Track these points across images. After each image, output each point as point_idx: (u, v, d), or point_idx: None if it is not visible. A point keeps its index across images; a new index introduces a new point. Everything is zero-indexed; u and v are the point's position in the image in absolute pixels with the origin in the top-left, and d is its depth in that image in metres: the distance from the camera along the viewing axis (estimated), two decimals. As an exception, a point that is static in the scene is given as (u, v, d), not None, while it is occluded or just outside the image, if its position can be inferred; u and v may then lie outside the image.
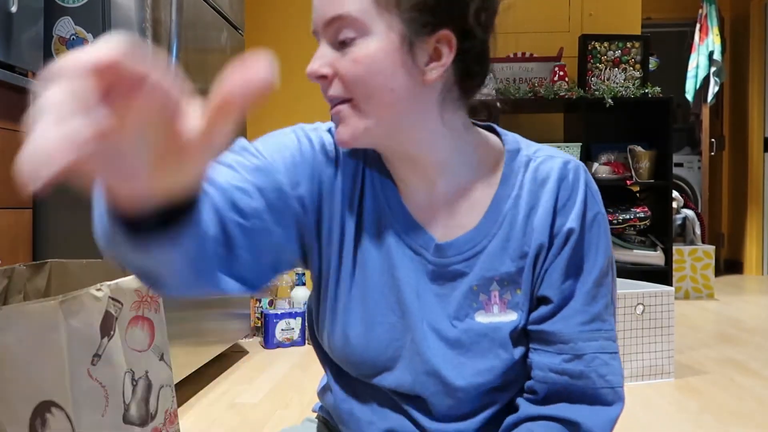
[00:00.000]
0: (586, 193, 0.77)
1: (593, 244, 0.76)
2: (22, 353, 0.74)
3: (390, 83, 0.67)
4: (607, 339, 0.75)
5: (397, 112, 0.69)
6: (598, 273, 0.75)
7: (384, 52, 0.66)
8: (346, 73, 0.67)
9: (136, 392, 0.85)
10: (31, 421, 0.74)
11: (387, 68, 0.67)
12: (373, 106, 0.68)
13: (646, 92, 3.56)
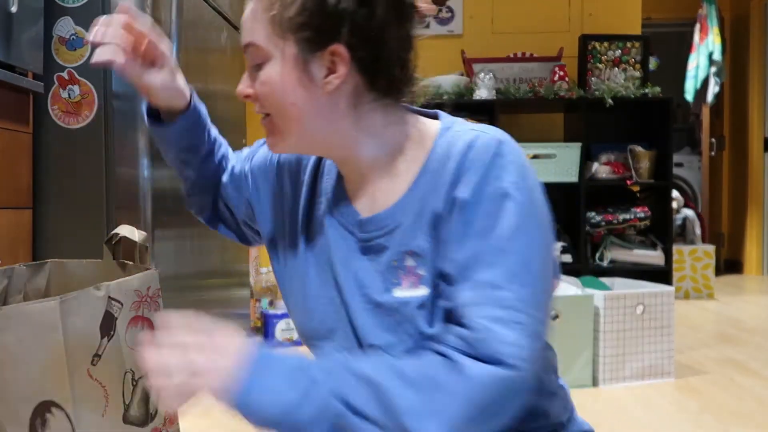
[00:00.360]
0: (492, 164, 0.75)
1: (492, 215, 0.73)
2: (22, 353, 0.74)
3: (291, 99, 0.78)
4: (501, 308, 0.70)
5: (306, 123, 0.79)
6: (499, 242, 0.72)
7: (283, 73, 0.77)
8: (258, 94, 0.79)
9: (136, 392, 0.85)
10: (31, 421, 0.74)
11: (287, 87, 0.77)
12: (284, 120, 0.80)
13: (646, 92, 3.56)
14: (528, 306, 0.71)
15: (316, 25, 0.75)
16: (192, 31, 2.15)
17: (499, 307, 0.70)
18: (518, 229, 0.73)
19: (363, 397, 0.68)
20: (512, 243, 0.72)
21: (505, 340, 0.68)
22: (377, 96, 0.80)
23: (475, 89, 3.53)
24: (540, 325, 0.72)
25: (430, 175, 0.79)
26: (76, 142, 1.84)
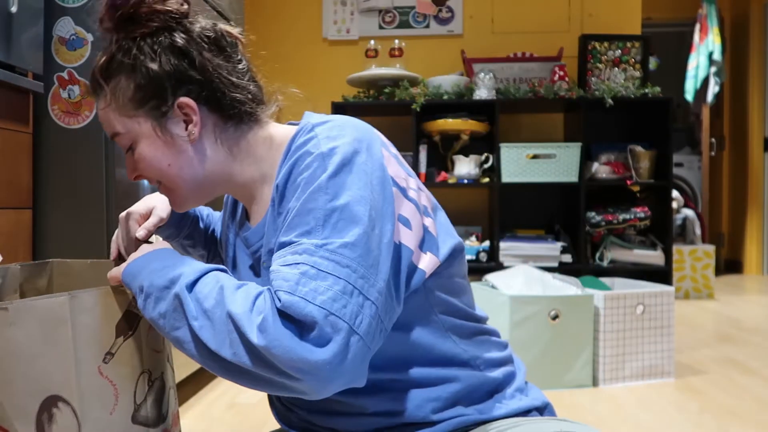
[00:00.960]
0: (303, 144, 0.80)
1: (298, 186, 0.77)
2: (31, 348, 0.75)
3: (166, 162, 0.86)
4: (292, 253, 0.72)
5: (188, 175, 0.87)
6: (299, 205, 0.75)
7: (149, 145, 0.86)
8: (142, 171, 0.88)
9: (152, 393, 0.85)
10: (37, 415, 0.75)
11: (158, 154, 0.86)
12: (170, 181, 0.88)
13: (646, 92, 3.56)
14: (320, 250, 0.71)
15: (153, 92, 0.84)
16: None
17: (292, 254, 0.72)
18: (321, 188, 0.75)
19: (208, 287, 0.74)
20: (309, 202, 0.74)
21: (288, 278, 0.70)
22: (235, 124, 0.88)
23: (475, 89, 3.53)
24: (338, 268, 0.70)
25: (278, 179, 0.84)
26: (76, 142, 1.84)
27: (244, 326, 0.68)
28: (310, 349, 0.66)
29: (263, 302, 0.70)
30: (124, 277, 0.81)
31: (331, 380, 0.67)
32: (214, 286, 0.74)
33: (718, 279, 5.25)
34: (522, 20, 4.00)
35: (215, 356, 0.71)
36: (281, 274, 0.71)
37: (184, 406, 2.07)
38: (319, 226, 0.73)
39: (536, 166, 3.45)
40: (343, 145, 0.77)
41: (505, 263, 3.43)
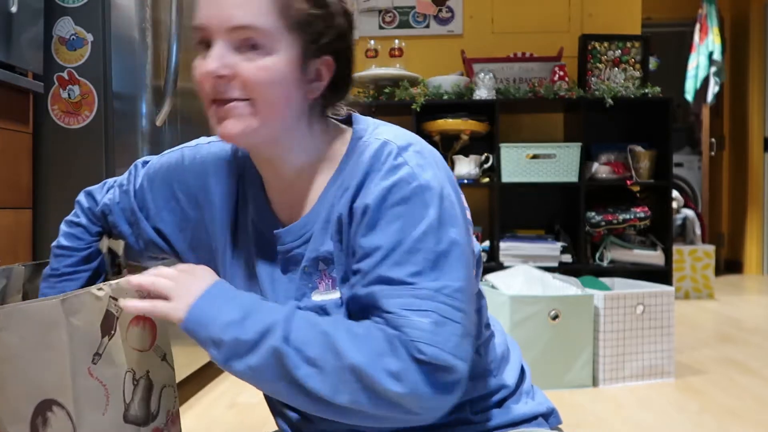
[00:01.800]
0: (396, 170, 0.77)
1: (405, 220, 0.75)
2: (24, 352, 0.75)
3: (286, 92, 0.78)
4: (414, 297, 0.73)
5: (283, 118, 0.80)
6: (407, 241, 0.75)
7: (287, 65, 0.77)
8: (250, 77, 0.76)
9: (137, 392, 0.85)
10: (32, 419, 0.75)
11: (286, 79, 0.78)
12: (268, 109, 0.78)
13: (646, 92, 3.56)
14: (440, 295, 0.74)
15: (325, 34, 0.79)
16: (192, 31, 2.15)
17: (414, 297, 0.73)
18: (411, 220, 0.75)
19: (306, 334, 0.73)
20: (419, 242, 0.75)
21: (419, 327, 0.72)
22: (324, 107, 0.85)
23: (475, 89, 3.53)
24: (456, 313, 0.74)
25: (339, 182, 0.82)
26: (76, 142, 1.84)
27: (374, 376, 0.70)
28: (442, 392, 0.72)
29: (397, 350, 0.71)
30: (189, 324, 0.75)
31: (447, 409, 0.75)
32: (312, 332, 0.73)
33: (718, 279, 5.25)
34: (522, 20, 4.00)
35: (325, 402, 0.72)
36: (412, 321, 0.72)
37: (184, 406, 2.07)
38: (428, 269, 0.74)
39: (536, 166, 3.45)
40: (434, 178, 0.78)
41: (505, 263, 3.43)
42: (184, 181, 0.93)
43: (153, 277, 0.78)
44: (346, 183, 0.81)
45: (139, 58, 1.84)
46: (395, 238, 0.75)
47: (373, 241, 0.76)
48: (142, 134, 1.86)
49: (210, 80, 0.77)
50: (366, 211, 0.77)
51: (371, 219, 0.76)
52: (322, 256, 0.82)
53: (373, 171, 0.79)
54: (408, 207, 0.76)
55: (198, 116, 2.23)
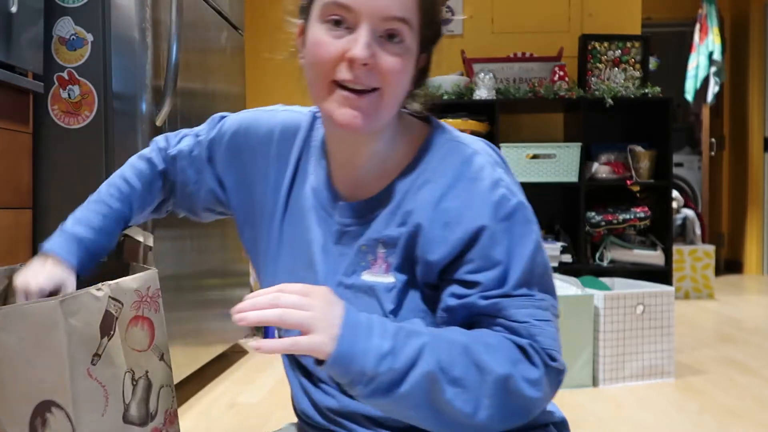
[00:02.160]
0: (498, 186, 0.79)
1: (517, 236, 0.78)
2: (23, 353, 0.74)
3: (406, 84, 0.80)
4: (538, 308, 0.77)
5: (396, 110, 0.81)
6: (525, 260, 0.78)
7: (412, 59, 0.79)
8: (389, 68, 0.76)
9: (136, 392, 0.85)
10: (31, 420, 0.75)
11: (410, 71, 0.79)
12: (393, 101, 0.79)
13: (646, 92, 3.56)
14: (552, 307, 0.79)
15: (434, 31, 0.82)
16: (192, 31, 2.15)
17: (538, 308, 0.77)
18: (522, 237, 0.79)
19: (450, 353, 0.72)
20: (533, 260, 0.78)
21: (549, 336, 0.77)
22: (406, 99, 0.85)
23: (475, 89, 3.53)
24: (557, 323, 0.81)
25: (416, 176, 0.82)
26: (76, 142, 1.84)
27: (516, 384, 0.74)
28: (555, 394, 0.82)
29: (532, 357, 0.76)
30: (339, 359, 0.68)
31: None
32: (454, 350, 0.73)
33: (718, 279, 5.24)
34: (522, 20, 4.00)
35: (463, 422, 0.73)
36: (544, 330, 0.77)
37: (184, 406, 2.07)
38: (541, 284, 0.79)
39: (536, 166, 3.45)
40: (522, 195, 0.83)
41: (505, 263, 3.42)
42: (250, 143, 0.95)
43: (280, 311, 0.69)
44: (427, 179, 0.81)
45: (139, 58, 1.84)
46: (512, 254, 0.77)
47: (490, 256, 0.77)
48: (142, 134, 1.86)
49: (354, 66, 0.75)
50: (480, 231, 0.77)
51: (487, 236, 0.77)
52: (384, 240, 0.82)
53: (465, 179, 0.79)
54: (515, 224, 0.79)
55: (198, 116, 2.23)
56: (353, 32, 0.75)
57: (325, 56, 0.76)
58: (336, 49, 0.75)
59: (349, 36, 0.75)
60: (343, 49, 0.75)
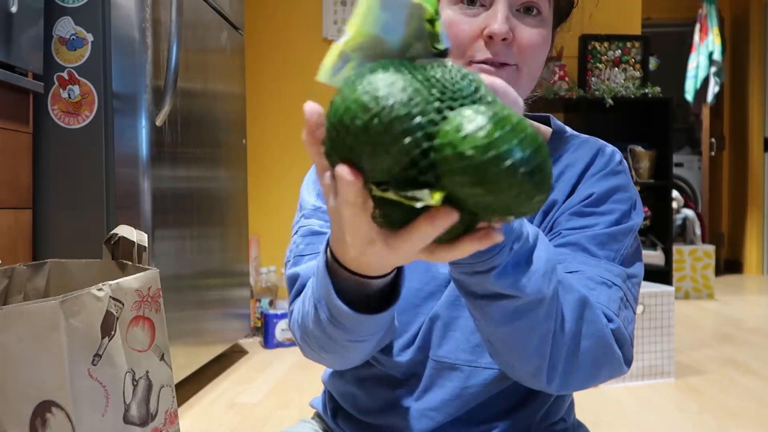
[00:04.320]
0: (617, 170, 0.78)
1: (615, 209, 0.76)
2: (23, 353, 0.74)
3: (542, 60, 0.76)
4: (606, 270, 0.72)
5: (532, 87, 0.77)
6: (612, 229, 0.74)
7: (549, 34, 0.75)
8: (529, 43, 0.72)
9: (137, 392, 0.85)
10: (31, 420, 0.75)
11: (547, 45, 0.76)
12: (530, 77, 0.75)
13: (646, 92, 3.56)
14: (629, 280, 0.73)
15: (568, 2, 0.79)
16: (192, 31, 2.15)
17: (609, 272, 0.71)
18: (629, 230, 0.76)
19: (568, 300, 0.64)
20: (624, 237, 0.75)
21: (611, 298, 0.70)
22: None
23: (475, 89, 3.53)
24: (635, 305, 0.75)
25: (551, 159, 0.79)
26: (76, 142, 1.84)
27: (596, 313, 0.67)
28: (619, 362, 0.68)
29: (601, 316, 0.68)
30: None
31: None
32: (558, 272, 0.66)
33: (718, 279, 5.24)
34: (522, 20, 4.00)
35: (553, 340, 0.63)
36: (606, 293, 0.69)
37: (184, 406, 2.07)
38: (621, 260, 0.74)
39: (536, 166, 3.45)
40: (638, 198, 0.80)
41: (505, 263, 3.43)
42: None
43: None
44: (563, 164, 0.79)
45: (139, 58, 1.84)
46: (612, 215, 0.75)
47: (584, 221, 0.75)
48: (142, 134, 1.86)
49: (494, 42, 0.71)
50: (590, 197, 0.76)
51: (592, 205, 0.76)
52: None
53: (597, 164, 0.78)
54: (624, 205, 0.76)
55: (198, 116, 2.23)
56: (488, 9, 0.71)
57: (461, 35, 0.71)
58: (473, 27, 0.71)
59: (485, 13, 0.71)
60: (480, 27, 0.71)
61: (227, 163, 2.53)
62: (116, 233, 1.10)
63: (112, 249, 1.11)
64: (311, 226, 0.80)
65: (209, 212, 2.32)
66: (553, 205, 0.78)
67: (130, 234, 1.09)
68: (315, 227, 0.80)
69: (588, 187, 0.77)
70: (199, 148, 2.24)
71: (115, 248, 1.10)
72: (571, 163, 0.80)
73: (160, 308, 0.92)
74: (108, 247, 1.11)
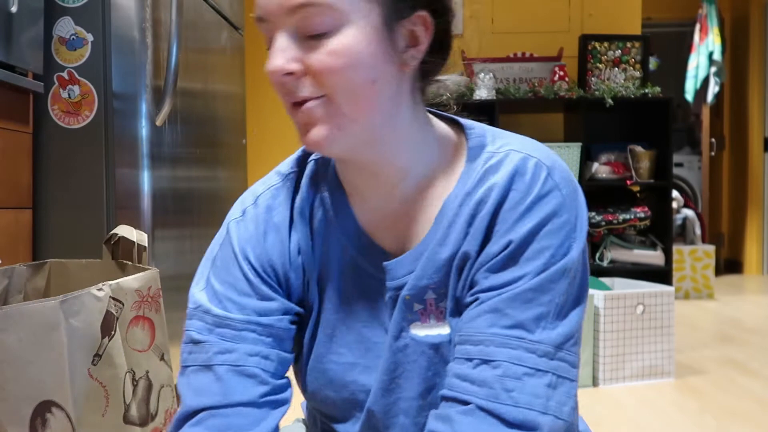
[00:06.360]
0: (542, 193, 0.64)
1: (543, 249, 0.63)
2: (23, 353, 0.74)
3: (372, 75, 0.61)
4: (528, 351, 0.61)
5: (378, 107, 0.63)
6: (539, 279, 0.63)
7: (364, 41, 0.60)
8: (322, 68, 0.60)
9: (137, 392, 0.85)
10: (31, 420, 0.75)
11: (368, 58, 0.60)
12: (354, 102, 0.61)
13: (646, 92, 3.56)
14: (560, 351, 0.62)
15: None
16: (192, 31, 2.15)
17: (524, 350, 0.61)
18: (566, 264, 0.64)
19: None
20: (553, 285, 0.63)
21: (531, 393, 0.60)
22: (423, 86, 0.69)
23: (475, 89, 3.53)
24: (573, 370, 0.63)
25: (459, 201, 0.67)
26: (76, 142, 1.84)
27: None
28: None
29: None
30: None
31: None
32: None
33: (718, 279, 5.24)
34: (522, 20, 3.99)
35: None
36: (530, 387, 0.60)
37: (184, 406, 2.07)
38: (554, 314, 0.62)
39: (536, 166, 3.45)
40: (582, 212, 0.66)
41: (505, 263, 3.43)
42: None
43: None
44: (474, 202, 0.65)
45: (139, 58, 1.84)
46: (526, 271, 0.63)
47: (505, 277, 0.63)
48: (142, 134, 1.86)
49: (278, 80, 0.62)
50: (508, 246, 0.63)
51: (510, 254, 0.63)
52: (434, 285, 0.67)
53: (513, 193, 0.64)
54: (554, 246, 0.63)
55: (198, 116, 2.23)
56: None
57: (270, 80, 0.63)
58: (267, 68, 0.62)
59: None
60: (268, 65, 0.62)
61: (227, 163, 2.53)
62: (116, 233, 1.11)
63: (112, 249, 1.11)
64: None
65: (209, 212, 2.32)
66: (466, 259, 0.66)
67: (130, 234, 1.10)
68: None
69: (505, 231, 0.64)
70: (199, 148, 2.24)
71: (115, 248, 1.10)
72: (483, 198, 0.65)
73: (160, 308, 0.93)
74: (108, 247, 1.11)
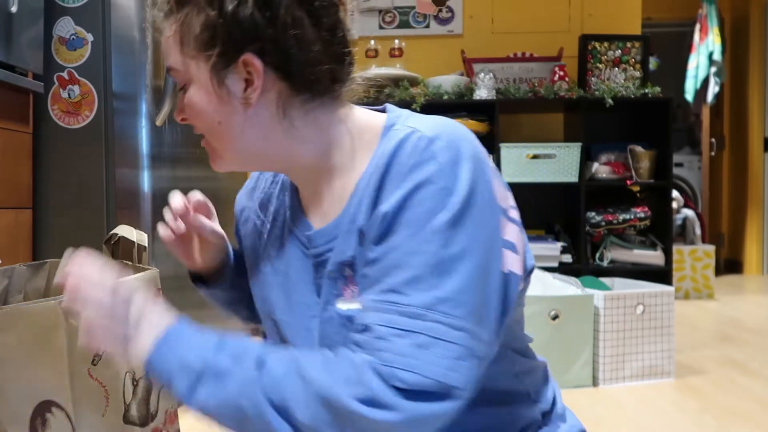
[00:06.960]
0: (417, 162, 0.68)
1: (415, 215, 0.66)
2: (23, 353, 0.74)
3: (217, 118, 0.76)
4: (400, 314, 0.64)
5: (238, 139, 0.77)
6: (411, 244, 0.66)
7: (202, 94, 0.75)
8: (187, 117, 0.78)
9: (137, 392, 0.85)
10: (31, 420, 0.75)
11: (209, 107, 0.75)
12: (216, 139, 0.78)
13: (646, 92, 3.56)
14: (433, 312, 0.64)
15: (221, 39, 0.72)
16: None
17: (396, 313, 0.64)
18: (438, 232, 0.65)
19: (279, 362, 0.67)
20: (428, 245, 0.65)
21: (399, 352, 0.62)
22: (306, 99, 0.76)
23: (475, 89, 3.53)
24: (454, 332, 0.64)
25: (366, 179, 0.73)
26: (76, 142, 1.84)
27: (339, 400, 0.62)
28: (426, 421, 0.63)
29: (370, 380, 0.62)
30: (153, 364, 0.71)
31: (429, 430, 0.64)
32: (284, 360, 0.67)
33: (718, 279, 5.24)
34: (522, 20, 3.99)
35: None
36: (393, 346, 0.63)
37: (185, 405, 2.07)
38: (427, 275, 0.64)
39: (536, 166, 3.45)
40: (465, 178, 0.67)
41: (505, 263, 3.42)
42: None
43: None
44: (369, 183, 0.72)
45: (139, 58, 1.84)
46: (401, 241, 0.66)
47: (382, 246, 0.68)
48: (142, 134, 1.86)
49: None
50: (385, 217, 0.68)
51: (386, 225, 0.68)
52: (348, 261, 0.74)
53: (393, 166, 0.69)
54: (424, 211, 0.66)
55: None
56: None
57: None
58: None
59: None
60: None
61: (227, 163, 2.53)
62: (116, 233, 1.11)
63: (112, 249, 1.11)
64: None
65: (209, 212, 2.32)
66: (361, 235, 0.72)
67: (130, 234, 1.10)
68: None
69: (382, 202, 0.69)
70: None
71: (115, 248, 1.10)
72: (374, 174, 0.72)
73: (160, 308, 0.92)
74: (108, 247, 1.11)
